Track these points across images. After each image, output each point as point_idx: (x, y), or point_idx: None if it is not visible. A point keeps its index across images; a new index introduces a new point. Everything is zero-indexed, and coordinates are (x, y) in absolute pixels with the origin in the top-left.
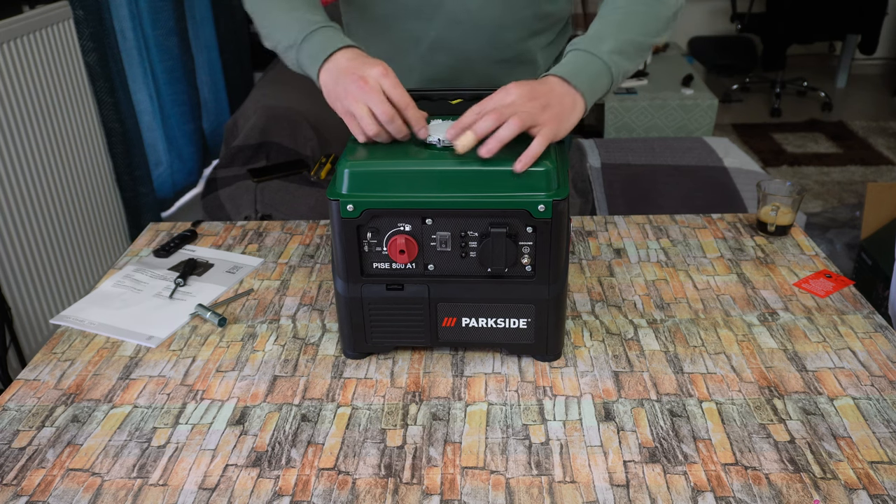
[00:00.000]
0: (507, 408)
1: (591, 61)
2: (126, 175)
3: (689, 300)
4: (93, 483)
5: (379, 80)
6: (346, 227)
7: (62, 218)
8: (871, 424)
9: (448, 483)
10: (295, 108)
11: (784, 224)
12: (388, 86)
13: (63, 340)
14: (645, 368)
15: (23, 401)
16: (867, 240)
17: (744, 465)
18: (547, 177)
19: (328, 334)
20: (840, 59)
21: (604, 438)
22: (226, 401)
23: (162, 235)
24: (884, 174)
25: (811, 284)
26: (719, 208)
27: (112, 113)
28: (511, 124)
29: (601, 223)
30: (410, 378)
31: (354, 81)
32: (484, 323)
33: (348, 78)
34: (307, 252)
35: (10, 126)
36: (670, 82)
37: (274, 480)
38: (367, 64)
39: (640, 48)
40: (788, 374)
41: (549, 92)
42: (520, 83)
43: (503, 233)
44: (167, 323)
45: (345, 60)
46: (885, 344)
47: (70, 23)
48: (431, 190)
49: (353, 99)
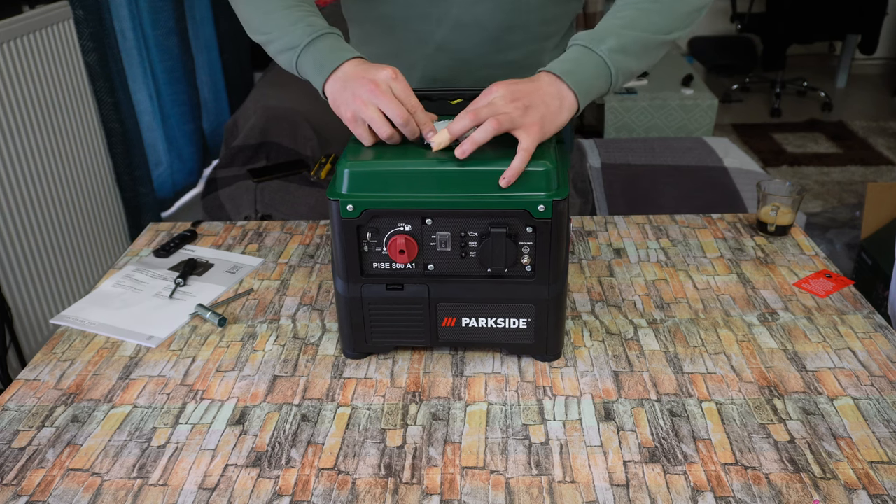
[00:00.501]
0: (506, 408)
1: (589, 59)
2: (126, 175)
3: (689, 300)
4: (93, 483)
5: (389, 83)
6: (346, 227)
7: (62, 218)
8: (871, 424)
9: (448, 483)
10: (295, 108)
11: (784, 224)
12: (398, 89)
13: (63, 340)
14: (645, 368)
15: (23, 401)
16: (867, 240)
17: (744, 465)
18: (547, 177)
19: (328, 334)
20: (840, 59)
21: (604, 438)
22: (226, 401)
23: (162, 235)
24: (884, 174)
25: (811, 284)
26: (719, 208)
27: (112, 113)
28: (487, 126)
29: (601, 223)
30: (410, 378)
31: (364, 85)
32: (484, 323)
33: (357, 82)
34: (307, 252)
35: (10, 126)
36: (670, 82)
37: (274, 480)
38: (376, 68)
39: (648, 46)
40: (788, 374)
41: (535, 92)
42: (505, 83)
43: (503, 233)
44: (167, 323)
45: (352, 68)
46: (885, 344)
47: (70, 23)
48: (431, 190)
49: (362, 102)
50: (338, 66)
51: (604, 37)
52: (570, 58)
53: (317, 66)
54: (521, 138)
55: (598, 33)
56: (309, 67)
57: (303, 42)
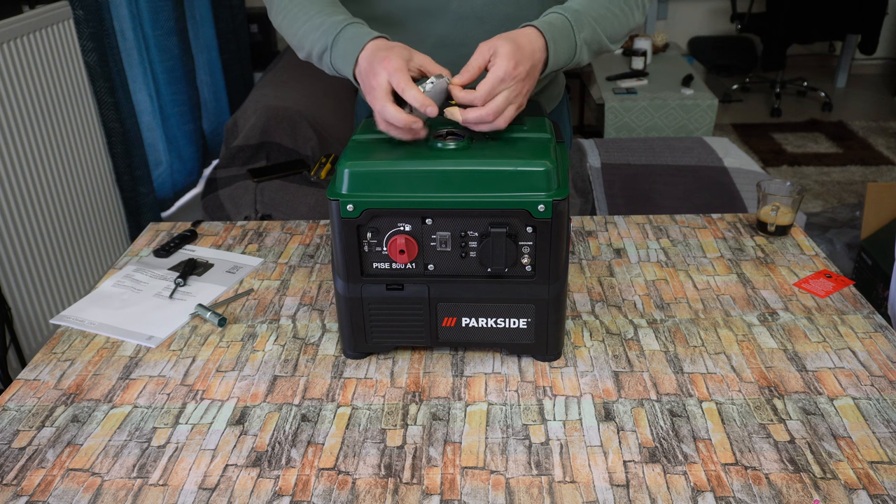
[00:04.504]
0: (507, 408)
1: (569, 39)
2: (126, 175)
3: (689, 300)
4: (93, 483)
5: (385, 89)
6: (346, 227)
7: (62, 218)
8: (871, 424)
9: (448, 483)
10: (295, 108)
11: (784, 224)
12: (399, 89)
13: (63, 340)
14: (645, 368)
15: (23, 401)
16: (867, 240)
17: (744, 465)
18: (547, 177)
19: (328, 334)
20: (840, 59)
21: (604, 438)
22: (226, 401)
23: (162, 235)
24: (884, 174)
25: (811, 284)
26: (719, 208)
27: (112, 113)
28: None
29: (601, 223)
30: (410, 378)
31: (369, 91)
32: (484, 323)
33: (364, 86)
34: (307, 252)
35: (10, 126)
36: (670, 82)
37: (274, 480)
38: (374, 72)
39: (601, 49)
40: (788, 374)
41: (531, 59)
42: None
43: (503, 233)
44: (167, 323)
45: (364, 62)
46: (885, 344)
47: (70, 23)
48: (431, 190)
49: (377, 112)
50: (356, 58)
51: (583, 24)
52: (558, 27)
53: (343, 61)
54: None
55: (579, 17)
56: (340, 65)
57: (329, 42)
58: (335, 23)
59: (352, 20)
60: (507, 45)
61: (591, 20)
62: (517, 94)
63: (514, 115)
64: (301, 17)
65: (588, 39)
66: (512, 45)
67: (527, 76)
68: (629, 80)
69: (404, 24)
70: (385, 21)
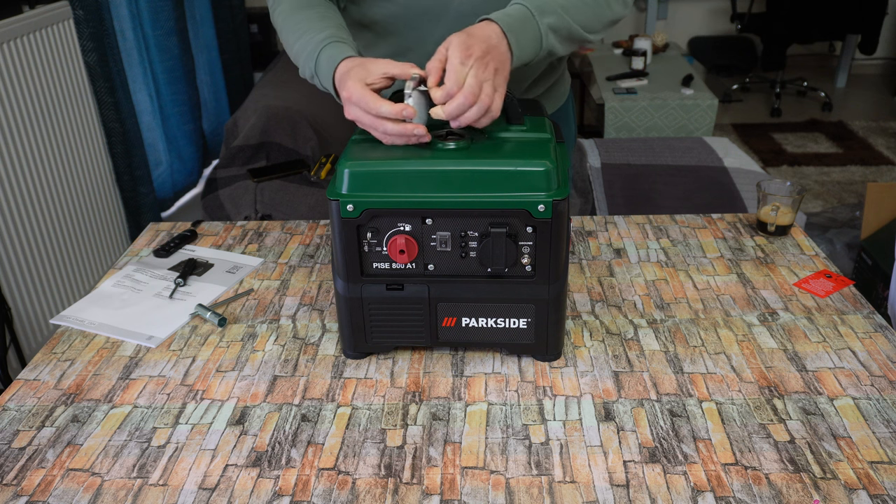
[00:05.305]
0: (507, 408)
1: (530, 26)
2: (126, 175)
3: (689, 300)
4: (93, 483)
5: (366, 114)
6: (346, 227)
7: (62, 218)
8: (871, 424)
9: (448, 483)
10: (295, 108)
11: (784, 224)
12: (373, 111)
13: (63, 340)
14: (645, 368)
15: (23, 401)
16: (867, 240)
17: (744, 465)
18: (547, 177)
19: (328, 334)
20: (840, 59)
21: (604, 438)
22: (226, 401)
23: (162, 235)
24: (884, 174)
25: (811, 284)
26: (719, 208)
27: (112, 113)
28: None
29: (601, 223)
30: (410, 378)
31: (355, 120)
32: (484, 323)
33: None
34: (307, 252)
35: (10, 126)
36: (670, 82)
37: (274, 480)
38: (345, 102)
39: (573, 37)
40: (788, 374)
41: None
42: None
43: (503, 233)
44: (167, 323)
45: (340, 89)
46: (885, 344)
47: (70, 23)
48: (431, 190)
49: (368, 131)
50: (334, 89)
51: (546, 10)
52: (515, 16)
53: (326, 81)
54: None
55: (542, 4)
56: (331, 91)
57: (313, 66)
58: (316, 44)
59: (328, 39)
60: (456, 37)
61: (558, 7)
62: (485, 70)
63: (499, 99)
64: (291, 37)
65: (554, 26)
66: (461, 35)
67: (485, 54)
68: (629, 80)
69: (406, 25)
70: (384, 24)
